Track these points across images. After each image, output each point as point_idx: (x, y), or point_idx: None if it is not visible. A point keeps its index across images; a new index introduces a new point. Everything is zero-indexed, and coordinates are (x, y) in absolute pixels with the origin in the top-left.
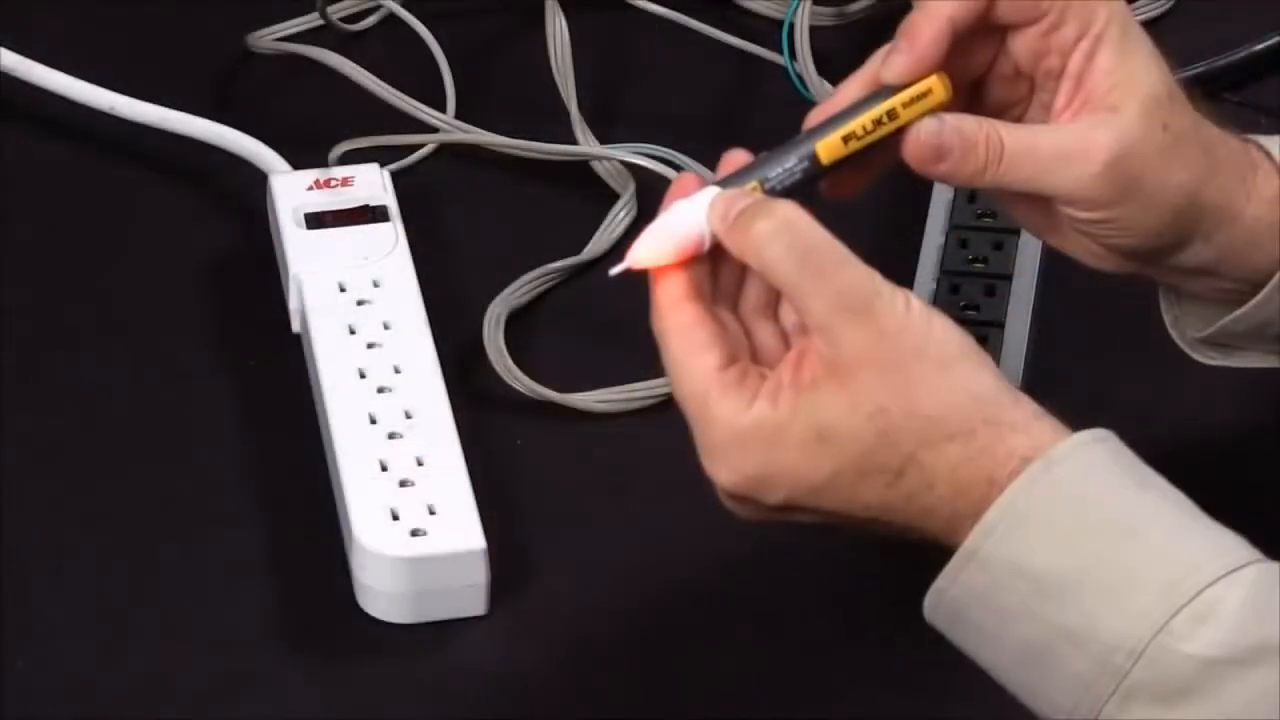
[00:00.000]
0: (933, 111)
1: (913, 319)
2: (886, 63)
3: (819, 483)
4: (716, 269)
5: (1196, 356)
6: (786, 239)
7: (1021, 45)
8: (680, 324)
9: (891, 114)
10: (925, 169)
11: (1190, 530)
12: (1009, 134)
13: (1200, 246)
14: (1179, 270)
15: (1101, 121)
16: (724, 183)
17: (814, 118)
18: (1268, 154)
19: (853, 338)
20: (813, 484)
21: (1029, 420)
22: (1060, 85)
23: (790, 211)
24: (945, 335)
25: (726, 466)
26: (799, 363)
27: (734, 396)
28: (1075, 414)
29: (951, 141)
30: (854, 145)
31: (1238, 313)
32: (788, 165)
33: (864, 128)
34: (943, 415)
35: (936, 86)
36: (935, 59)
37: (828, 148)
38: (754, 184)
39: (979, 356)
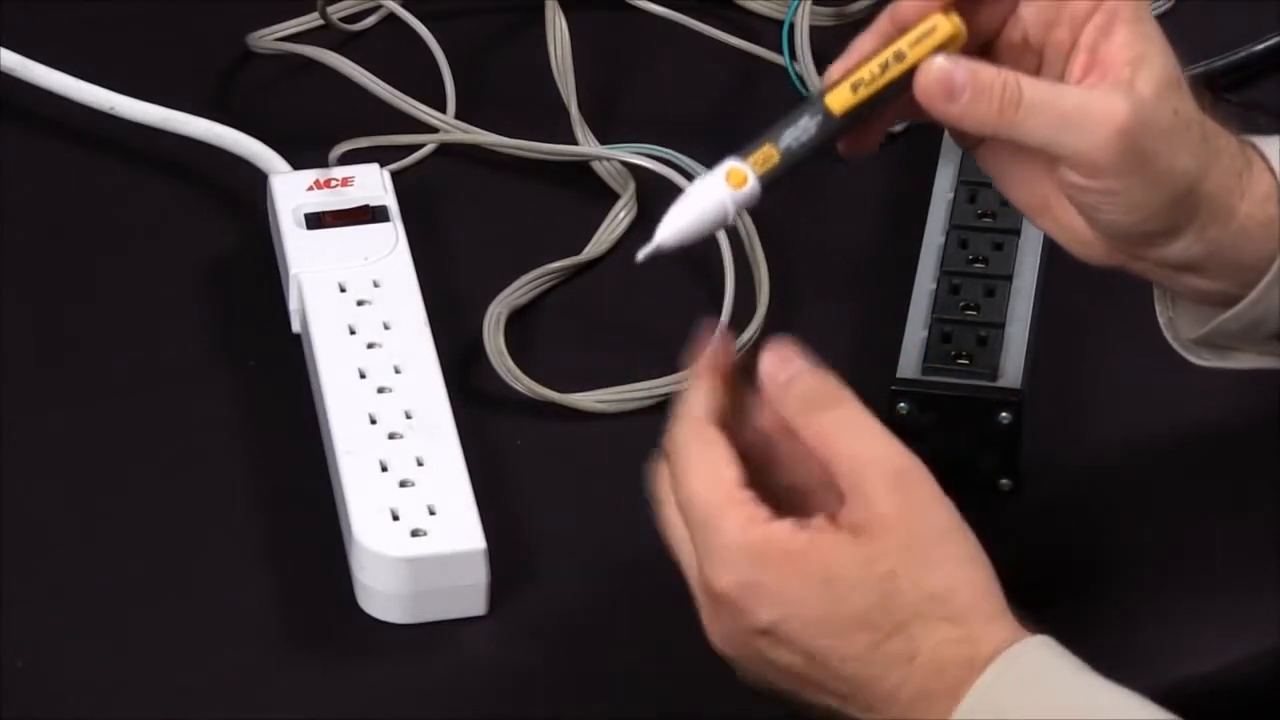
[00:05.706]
0: (943, 49)
1: (945, 501)
2: (894, 4)
3: (812, 617)
4: (731, 391)
5: (1191, 358)
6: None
7: (1033, 10)
8: (703, 437)
9: (899, 55)
10: (937, 108)
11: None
12: (1029, 83)
13: (1191, 240)
14: (1166, 265)
15: (1120, 90)
16: (740, 152)
17: (829, 77)
18: (1260, 153)
19: (887, 504)
20: (805, 617)
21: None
22: (1073, 58)
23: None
24: (965, 529)
25: (729, 568)
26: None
27: (752, 506)
28: (1075, 414)
29: (964, 79)
30: (863, 92)
31: (1232, 311)
32: (800, 123)
33: (871, 72)
34: (946, 596)
35: (943, 22)
36: None
37: (837, 97)
38: (768, 146)
39: (983, 556)
